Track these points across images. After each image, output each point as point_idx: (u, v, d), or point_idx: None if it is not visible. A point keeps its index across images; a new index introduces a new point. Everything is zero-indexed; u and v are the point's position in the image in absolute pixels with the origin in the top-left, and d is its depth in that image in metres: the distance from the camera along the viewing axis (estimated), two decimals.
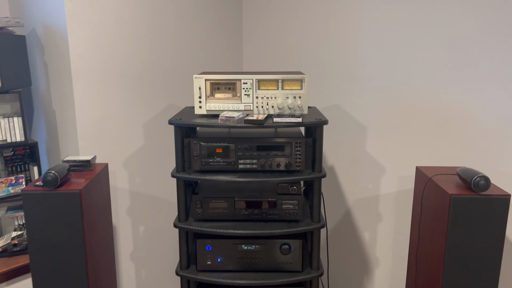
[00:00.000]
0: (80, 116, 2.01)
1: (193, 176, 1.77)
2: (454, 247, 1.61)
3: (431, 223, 1.77)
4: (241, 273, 1.88)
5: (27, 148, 2.23)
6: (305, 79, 1.76)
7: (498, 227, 1.58)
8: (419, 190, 1.91)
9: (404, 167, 2.26)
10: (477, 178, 1.57)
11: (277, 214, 1.84)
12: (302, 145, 1.77)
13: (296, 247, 1.87)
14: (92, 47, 2.00)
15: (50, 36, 2.06)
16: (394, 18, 2.15)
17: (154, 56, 2.26)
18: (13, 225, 2.28)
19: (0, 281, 2.00)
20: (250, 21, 2.72)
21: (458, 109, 2.03)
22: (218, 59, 2.64)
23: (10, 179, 2.14)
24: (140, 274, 2.41)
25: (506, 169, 1.94)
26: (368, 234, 2.45)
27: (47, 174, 1.57)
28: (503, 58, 1.87)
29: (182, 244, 1.89)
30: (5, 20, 1.96)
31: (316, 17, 2.42)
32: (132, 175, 2.27)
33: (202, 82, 1.78)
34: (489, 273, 1.61)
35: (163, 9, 2.27)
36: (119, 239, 2.27)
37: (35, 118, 2.37)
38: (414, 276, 1.98)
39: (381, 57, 2.22)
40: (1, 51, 1.97)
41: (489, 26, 1.89)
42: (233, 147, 1.77)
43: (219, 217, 1.85)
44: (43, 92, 2.24)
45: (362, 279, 2.53)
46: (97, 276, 1.77)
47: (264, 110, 1.80)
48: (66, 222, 1.60)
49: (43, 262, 1.62)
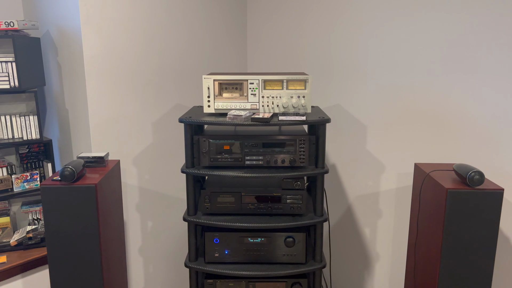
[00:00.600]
0: (92, 115, 2.10)
1: (202, 171, 1.85)
2: (450, 239, 1.69)
3: (428, 216, 1.86)
4: (247, 265, 1.96)
5: (41, 145, 2.32)
6: (308, 80, 1.85)
7: (492, 219, 1.66)
8: (418, 185, 1.99)
9: (403, 165, 2.34)
10: (472, 173, 1.65)
11: (282, 208, 1.92)
12: (306, 143, 1.86)
13: (300, 240, 1.95)
14: (105, 49, 2.09)
15: (64, 38, 2.15)
16: (394, 21, 2.23)
17: (163, 57, 2.35)
18: (27, 219, 2.36)
19: (16, 273, 2.09)
20: (254, 25, 2.81)
21: (455, 108, 2.12)
22: (224, 60, 2.73)
23: (25, 175, 2.23)
24: (148, 268, 2.49)
25: (500, 165, 2.02)
26: (369, 229, 2.54)
27: (65, 169, 1.66)
28: (499, 57, 1.96)
29: (191, 237, 1.97)
30: (22, 22, 2.05)
31: (318, 21, 2.51)
32: (141, 171, 2.36)
33: (211, 82, 1.86)
34: (484, 263, 1.69)
35: (172, 13, 2.36)
36: (128, 233, 2.36)
37: (48, 116, 2.46)
38: (413, 268, 2.06)
39: (380, 59, 2.31)
40: (18, 53, 2.06)
41: (487, 27, 1.97)
42: (240, 144, 1.86)
43: (226, 211, 1.94)
44: (56, 92, 2.33)
45: (363, 271, 2.61)
46: (110, 268, 1.85)
47: (269, 109, 1.88)
48: (82, 215, 1.68)
49: (60, 253, 1.70)
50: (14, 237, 2.21)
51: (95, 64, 2.06)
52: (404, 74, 2.24)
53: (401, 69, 2.25)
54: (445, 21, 2.07)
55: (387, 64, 2.29)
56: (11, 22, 2.03)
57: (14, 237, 2.21)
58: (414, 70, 2.21)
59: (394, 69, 2.28)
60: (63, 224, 1.68)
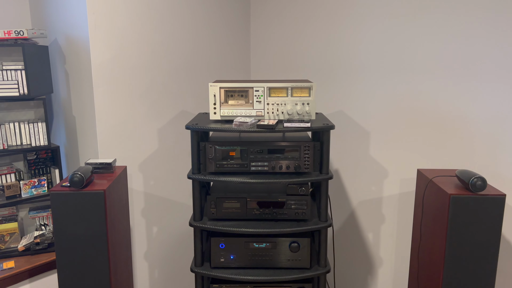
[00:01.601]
0: (99, 122, 2.13)
1: (208, 177, 1.88)
2: (453, 244, 1.71)
3: (431, 222, 1.88)
4: (253, 269, 1.99)
5: (49, 152, 2.36)
6: (313, 87, 1.89)
7: (495, 224, 1.68)
8: (420, 191, 2.02)
9: (406, 170, 2.37)
10: (474, 179, 1.68)
11: (287, 213, 1.95)
12: (310, 149, 1.89)
13: (305, 245, 1.97)
14: (112, 57, 2.13)
15: (72, 46, 2.19)
16: (396, 27, 2.27)
17: (168, 65, 2.39)
18: (34, 225, 2.39)
19: (24, 278, 2.12)
20: (257, 31, 2.85)
21: (457, 114, 2.14)
22: (228, 67, 2.77)
23: (33, 181, 2.26)
24: (153, 272, 2.52)
25: (501, 171, 2.05)
26: (372, 233, 2.56)
27: (74, 175, 1.69)
28: (502, 63, 1.99)
29: (197, 242, 1.99)
30: (31, 31, 2.09)
31: (320, 27, 2.55)
32: (147, 178, 2.39)
33: (217, 90, 1.90)
34: (486, 267, 1.71)
35: (178, 22, 2.40)
36: (134, 238, 2.38)
37: (55, 123, 2.50)
38: (416, 273, 2.08)
39: (383, 65, 2.34)
40: (27, 61, 2.10)
41: (488, 32, 2.01)
42: (246, 151, 1.89)
43: (232, 217, 1.96)
44: (63, 99, 2.37)
45: (366, 276, 2.63)
46: (117, 273, 1.87)
47: (274, 115, 1.91)
48: (91, 220, 1.70)
49: (69, 257, 1.72)
50: (22, 242, 2.24)
51: (102, 71, 2.10)
52: (407, 81, 2.28)
53: (404, 75, 2.28)
54: (448, 27, 2.11)
55: (390, 70, 2.33)
56: (20, 31, 2.07)
57: (21, 242, 2.24)
58: (417, 76, 2.24)
59: (397, 75, 2.31)
60: (71, 229, 1.71)
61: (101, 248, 1.73)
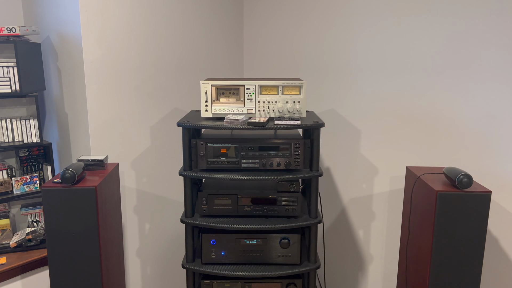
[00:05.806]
0: (92, 119, 2.14)
1: (199, 174, 1.90)
2: (440, 239, 1.75)
3: (420, 218, 1.91)
4: (244, 265, 2.00)
5: (41, 148, 2.36)
6: (303, 85, 1.91)
7: (480, 221, 1.71)
8: (409, 188, 2.05)
9: (396, 168, 2.40)
10: (461, 176, 1.71)
11: (277, 210, 1.97)
12: (301, 146, 1.91)
13: (295, 241, 1.99)
14: (104, 54, 2.14)
15: (64, 43, 2.20)
16: (386, 28, 2.30)
17: (161, 62, 2.40)
18: (26, 221, 2.39)
19: (15, 274, 2.12)
20: (250, 30, 2.87)
21: (446, 113, 2.18)
22: (221, 65, 2.79)
23: (25, 178, 2.26)
24: (145, 269, 2.53)
25: (487, 168, 2.09)
26: (362, 230, 2.59)
27: (66, 172, 1.69)
28: (489, 62, 2.03)
29: (188, 238, 2.01)
30: (23, 28, 2.09)
31: (313, 27, 2.57)
32: (139, 175, 2.40)
33: (208, 88, 1.91)
34: (472, 262, 1.74)
35: (171, 19, 2.42)
36: (126, 235, 2.39)
37: (48, 120, 2.50)
38: (405, 269, 2.12)
39: (373, 64, 2.37)
40: (19, 58, 2.10)
41: (477, 32, 2.04)
42: (237, 148, 1.91)
43: (223, 213, 1.98)
44: (56, 96, 2.37)
45: (356, 272, 2.67)
46: (109, 269, 1.88)
47: (265, 113, 1.93)
48: (82, 216, 1.71)
49: (60, 254, 1.73)
50: (14, 238, 2.24)
51: (94, 68, 2.11)
52: (397, 79, 2.31)
53: (394, 74, 2.31)
54: (437, 27, 2.14)
55: (380, 70, 2.36)
56: (13, 28, 2.07)
57: (13, 238, 2.25)
58: (407, 75, 2.27)
59: (387, 74, 2.34)
60: (63, 225, 1.71)
61: (92, 245, 1.74)
